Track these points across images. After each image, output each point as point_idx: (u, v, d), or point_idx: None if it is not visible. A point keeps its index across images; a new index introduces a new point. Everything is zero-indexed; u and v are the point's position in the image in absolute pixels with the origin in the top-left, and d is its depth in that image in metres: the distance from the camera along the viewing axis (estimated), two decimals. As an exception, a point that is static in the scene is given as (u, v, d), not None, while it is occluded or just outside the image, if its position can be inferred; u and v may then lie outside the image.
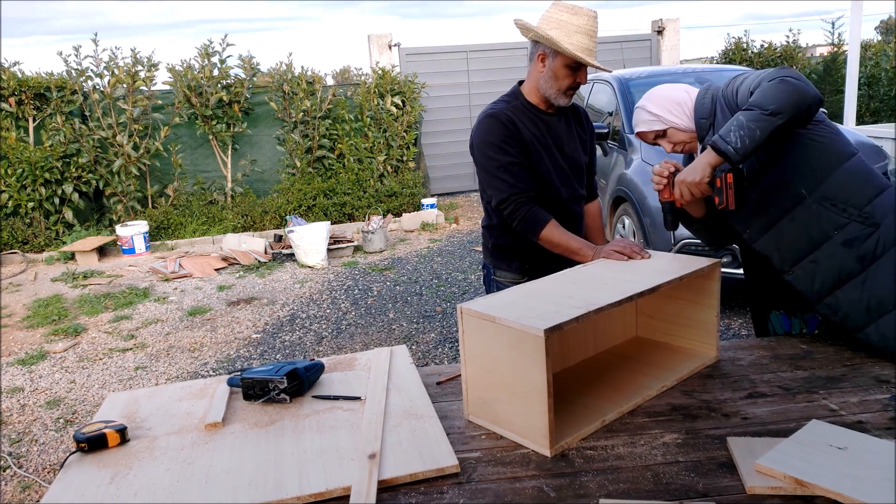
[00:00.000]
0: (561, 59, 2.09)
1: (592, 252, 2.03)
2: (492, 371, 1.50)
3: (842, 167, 1.81)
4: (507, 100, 2.24)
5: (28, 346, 4.90)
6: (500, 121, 2.16)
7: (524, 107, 2.21)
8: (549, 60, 2.12)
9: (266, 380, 1.68)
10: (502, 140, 2.14)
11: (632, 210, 5.03)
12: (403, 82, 9.09)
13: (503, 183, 2.14)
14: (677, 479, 1.31)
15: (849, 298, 1.80)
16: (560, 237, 2.10)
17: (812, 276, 1.84)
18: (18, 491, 3.04)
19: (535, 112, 2.21)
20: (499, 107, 2.21)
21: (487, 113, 2.20)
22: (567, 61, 2.09)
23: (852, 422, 1.47)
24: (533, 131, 2.18)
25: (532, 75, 2.20)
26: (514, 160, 2.13)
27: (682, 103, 1.99)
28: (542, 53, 2.13)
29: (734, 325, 4.46)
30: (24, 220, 7.64)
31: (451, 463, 1.37)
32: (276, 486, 1.32)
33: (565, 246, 2.10)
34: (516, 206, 2.12)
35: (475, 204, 9.60)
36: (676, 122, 1.99)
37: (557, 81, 2.13)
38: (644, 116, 2.03)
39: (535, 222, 2.11)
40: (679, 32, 11.11)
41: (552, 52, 2.10)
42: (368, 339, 4.68)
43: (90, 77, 7.97)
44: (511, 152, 2.13)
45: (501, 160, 2.13)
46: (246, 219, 8.12)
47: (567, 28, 2.05)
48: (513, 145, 2.14)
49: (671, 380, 1.72)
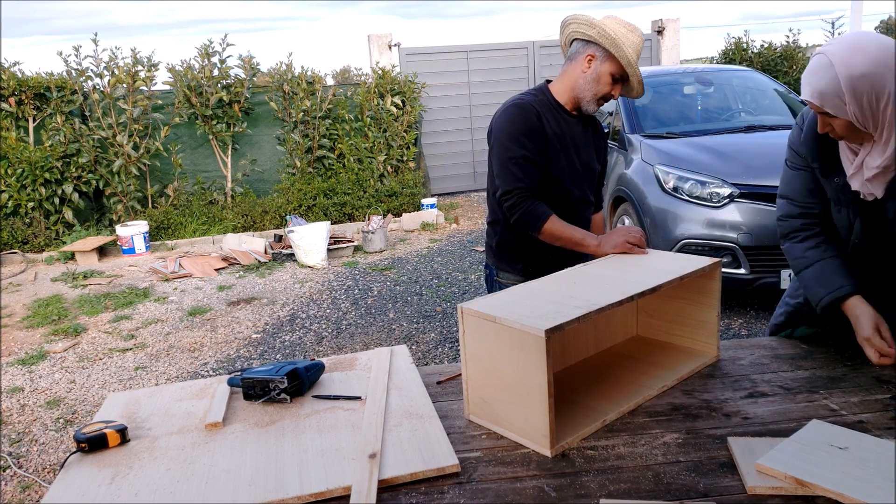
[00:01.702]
0: (609, 66, 2.09)
1: (596, 242, 2.03)
2: (492, 371, 1.49)
3: None
4: (534, 93, 2.22)
5: (28, 346, 4.90)
6: (526, 112, 2.14)
7: (550, 104, 2.20)
8: (598, 63, 2.11)
9: (266, 380, 1.68)
10: (522, 132, 2.13)
11: (632, 210, 5.03)
12: (403, 82, 9.08)
13: (511, 175, 2.12)
14: (678, 478, 1.31)
15: None
16: (563, 229, 2.10)
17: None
18: (18, 491, 3.04)
19: (560, 111, 2.21)
20: (526, 98, 2.19)
21: (515, 102, 2.18)
22: (615, 69, 2.09)
23: (853, 422, 1.47)
24: (555, 129, 2.18)
25: (570, 74, 2.17)
26: (528, 154, 2.12)
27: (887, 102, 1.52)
28: (591, 55, 2.11)
29: (734, 325, 4.46)
30: (24, 220, 7.64)
31: (452, 463, 1.37)
32: (276, 485, 1.32)
33: (568, 237, 2.09)
34: (518, 200, 2.12)
35: (475, 204, 9.60)
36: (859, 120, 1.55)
37: (598, 86, 2.12)
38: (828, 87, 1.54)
39: (537, 216, 2.11)
40: (679, 32, 11.11)
41: (604, 56, 2.09)
42: (368, 339, 4.68)
43: (90, 77, 7.97)
44: (528, 146, 2.12)
45: (516, 152, 2.12)
46: (246, 219, 8.12)
47: (624, 40, 2.06)
48: (532, 139, 2.13)
49: (672, 379, 1.72)
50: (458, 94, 10.13)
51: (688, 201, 4.51)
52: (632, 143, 5.31)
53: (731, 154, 4.77)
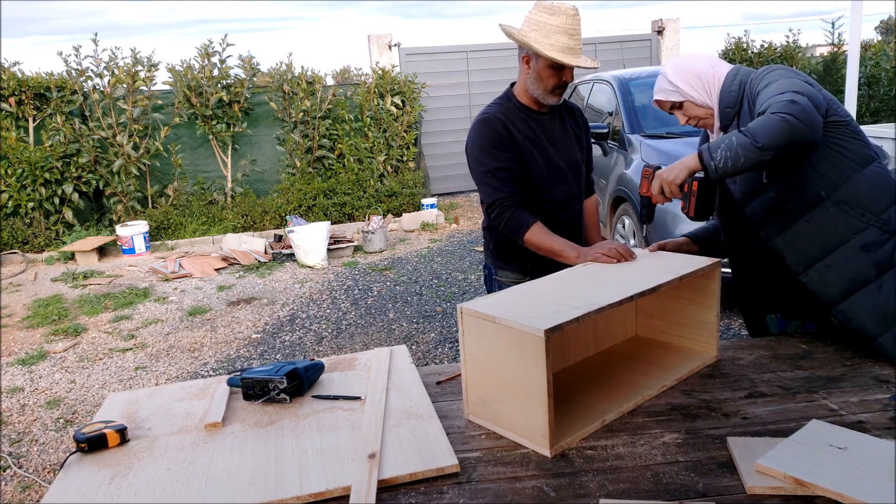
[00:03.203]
0: (543, 61, 2.10)
1: (576, 254, 2.00)
2: (492, 371, 1.50)
3: (862, 171, 1.78)
4: (499, 102, 2.25)
5: (28, 346, 4.90)
6: (492, 125, 2.17)
7: (516, 108, 2.22)
8: (533, 62, 2.13)
9: (266, 380, 1.68)
10: (492, 145, 2.15)
11: (632, 210, 5.03)
12: (403, 82, 9.09)
13: (489, 188, 2.15)
14: (677, 478, 1.31)
15: (864, 305, 1.77)
16: (543, 240, 2.09)
17: (827, 279, 1.81)
18: (18, 491, 3.04)
19: (527, 113, 2.22)
20: (491, 110, 2.22)
21: (480, 118, 2.22)
22: (549, 62, 2.09)
23: (852, 422, 1.47)
24: (526, 133, 2.19)
25: (520, 77, 2.21)
26: (501, 165, 2.14)
27: (703, 77, 1.93)
28: (525, 56, 2.15)
29: (734, 325, 4.46)
30: (24, 220, 7.64)
31: (451, 463, 1.37)
32: (276, 485, 1.32)
33: (548, 248, 2.08)
34: (501, 210, 2.13)
35: (475, 204, 9.61)
36: (694, 97, 1.93)
37: (543, 82, 2.14)
38: (664, 84, 1.98)
39: (520, 225, 2.11)
40: (679, 32, 11.11)
41: (534, 53, 2.10)
42: (368, 339, 4.68)
43: (90, 77, 7.97)
44: (500, 157, 2.14)
45: (489, 165, 2.15)
46: (246, 219, 8.12)
47: (546, 29, 2.05)
48: (503, 149, 2.15)
49: (671, 379, 1.72)
50: (458, 94, 10.13)
51: None
52: (632, 143, 5.31)
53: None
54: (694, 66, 1.94)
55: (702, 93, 1.93)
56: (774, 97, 1.69)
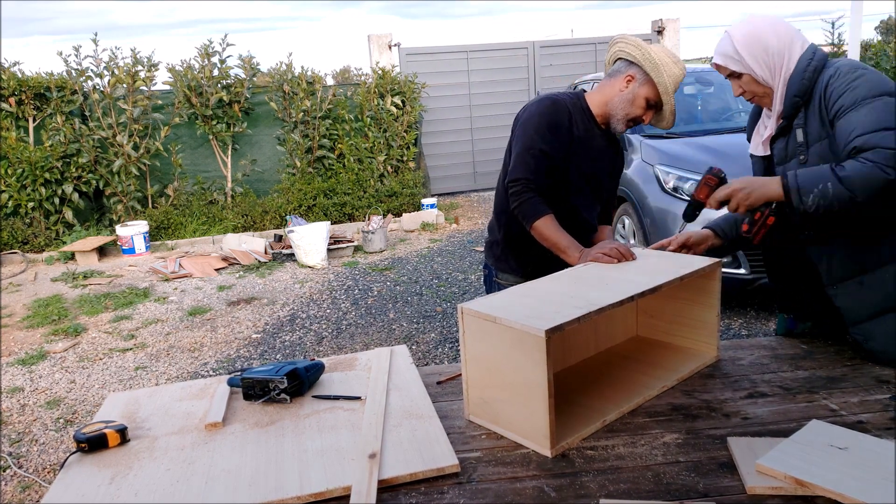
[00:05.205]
0: (646, 90, 2.10)
1: (579, 254, 2.00)
2: (492, 371, 1.49)
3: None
4: (571, 96, 2.24)
5: (28, 346, 4.90)
6: (559, 108, 2.16)
7: (584, 109, 2.22)
8: (636, 85, 2.12)
9: (266, 380, 1.68)
10: (549, 126, 2.14)
11: (632, 210, 5.03)
12: (403, 82, 9.08)
13: (524, 165, 2.12)
14: (678, 479, 1.31)
15: (885, 330, 1.73)
16: (552, 232, 2.08)
17: (855, 297, 1.76)
18: (18, 491, 3.04)
19: (590, 119, 2.22)
20: (563, 97, 2.22)
21: (552, 97, 2.21)
22: (651, 94, 2.10)
23: (853, 422, 1.47)
24: (581, 133, 2.19)
25: (607, 90, 2.18)
26: (546, 150, 2.12)
27: (772, 55, 1.76)
28: (631, 75, 2.12)
29: (734, 325, 4.46)
30: (24, 220, 7.64)
31: (452, 463, 1.37)
32: (276, 485, 1.32)
33: (554, 241, 2.07)
34: (523, 189, 2.11)
35: (475, 204, 9.61)
36: (756, 73, 1.78)
37: (631, 107, 2.13)
38: (727, 48, 1.81)
39: (535, 211, 2.10)
40: (679, 32, 11.11)
41: (643, 79, 2.10)
42: (368, 339, 4.68)
43: (90, 77, 7.97)
44: (550, 141, 2.13)
45: (536, 143, 2.12)
46: (246, 219, 8.12)
47: (666, 71, 2.07)
48: (557, 135, 2.14)
49: (672, 379, 1.72)
50: (459, 94, 10.12)
51: (688, 201, 4.50)
52: (632, 143, 5.31)
53: (731, 154, 4.76)
54: (765, 39, 1.76)
55: (766, 70, 1.78)
56: (872, 135, 1.57)
